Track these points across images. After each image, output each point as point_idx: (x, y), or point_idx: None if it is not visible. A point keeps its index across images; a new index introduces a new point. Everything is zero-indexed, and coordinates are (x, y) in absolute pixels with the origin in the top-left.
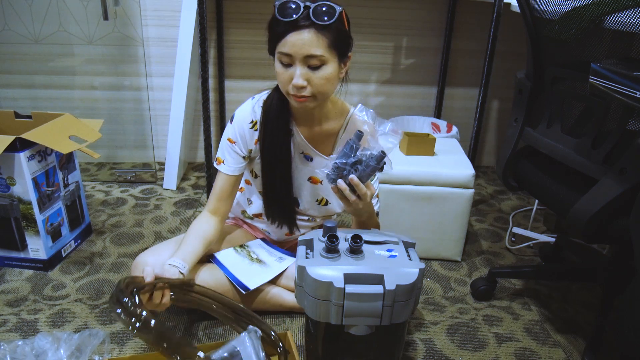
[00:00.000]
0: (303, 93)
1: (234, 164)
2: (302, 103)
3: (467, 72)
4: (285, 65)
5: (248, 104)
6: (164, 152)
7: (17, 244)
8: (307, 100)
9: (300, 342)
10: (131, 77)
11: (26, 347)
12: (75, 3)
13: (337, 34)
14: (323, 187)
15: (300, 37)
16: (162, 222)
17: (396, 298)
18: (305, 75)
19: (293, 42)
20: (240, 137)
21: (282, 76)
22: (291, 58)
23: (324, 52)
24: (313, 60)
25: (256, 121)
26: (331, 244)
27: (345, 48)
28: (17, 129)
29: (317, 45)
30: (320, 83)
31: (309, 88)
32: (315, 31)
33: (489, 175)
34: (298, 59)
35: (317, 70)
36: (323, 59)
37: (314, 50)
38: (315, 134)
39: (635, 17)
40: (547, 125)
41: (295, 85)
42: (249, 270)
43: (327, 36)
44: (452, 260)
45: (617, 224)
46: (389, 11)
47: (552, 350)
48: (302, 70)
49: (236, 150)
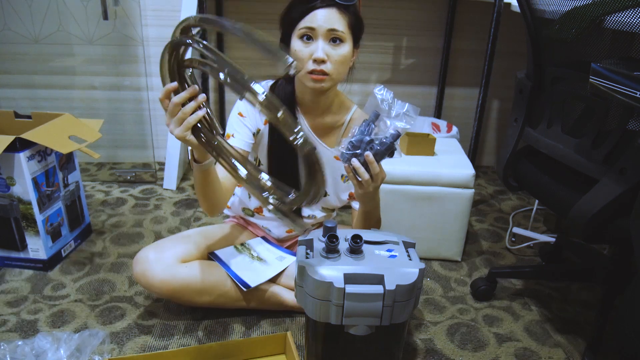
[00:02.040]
0: (322, 67)
1: (244, 138)
2: (319, 83)
3: (467, 72)
4: (307, 42)
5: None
6: (164, 152)
7: (17, 244)
8: (324, 80)
9: (300, 342)
10: (131, 77)
11: (26, 347)
12: (75, 3)
13: (355, 17)
14: None
15: (325, 13)
16: (162, 222)
17: (396, 298)
18: (327, 50)
19: (317, 17)
20: (251, 113)
21: (302, 52)
22: (314, 32)
23: (345, 30)
24: (336, 34)
25: None
26: (331, 244)
27: (359, 33)
28: (17, 129)
29: (340, 21)
30: (339, 60)
31: (329, 64)
32: (338, 10)
33: (489, 175)
34: (321, 33)
35: (337, 46)
36: (343, 36)
37: (337, 25)
38: (318, 125)
39: (635, 17)
40: (547, 125)
41: (317, 58)
42: (249, 268)
43: (347, 16)
44: (452, 260)
45: (617, 224)
46: (389, 11)
47: (552, 350)
48: (323, 44)
49: (247, 123)
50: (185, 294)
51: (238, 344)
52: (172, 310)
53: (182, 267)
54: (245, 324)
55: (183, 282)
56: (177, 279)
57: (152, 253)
